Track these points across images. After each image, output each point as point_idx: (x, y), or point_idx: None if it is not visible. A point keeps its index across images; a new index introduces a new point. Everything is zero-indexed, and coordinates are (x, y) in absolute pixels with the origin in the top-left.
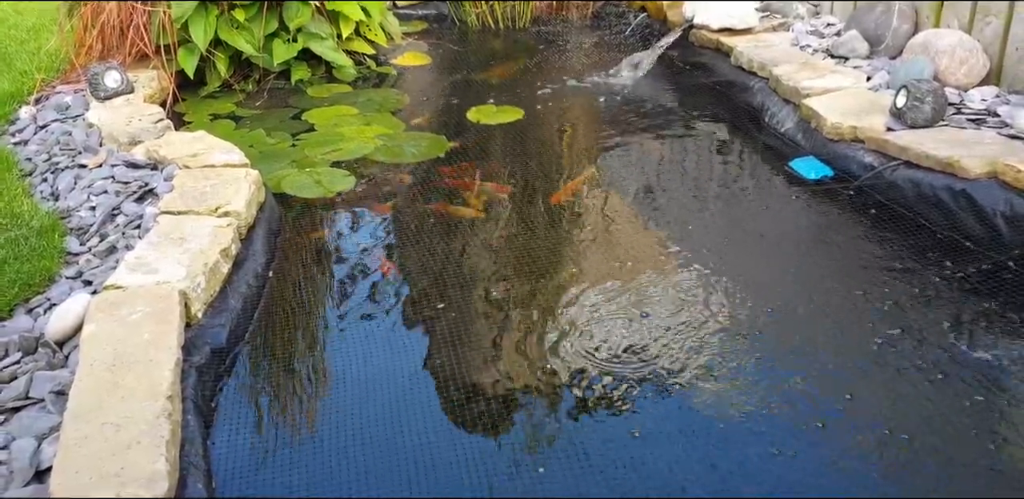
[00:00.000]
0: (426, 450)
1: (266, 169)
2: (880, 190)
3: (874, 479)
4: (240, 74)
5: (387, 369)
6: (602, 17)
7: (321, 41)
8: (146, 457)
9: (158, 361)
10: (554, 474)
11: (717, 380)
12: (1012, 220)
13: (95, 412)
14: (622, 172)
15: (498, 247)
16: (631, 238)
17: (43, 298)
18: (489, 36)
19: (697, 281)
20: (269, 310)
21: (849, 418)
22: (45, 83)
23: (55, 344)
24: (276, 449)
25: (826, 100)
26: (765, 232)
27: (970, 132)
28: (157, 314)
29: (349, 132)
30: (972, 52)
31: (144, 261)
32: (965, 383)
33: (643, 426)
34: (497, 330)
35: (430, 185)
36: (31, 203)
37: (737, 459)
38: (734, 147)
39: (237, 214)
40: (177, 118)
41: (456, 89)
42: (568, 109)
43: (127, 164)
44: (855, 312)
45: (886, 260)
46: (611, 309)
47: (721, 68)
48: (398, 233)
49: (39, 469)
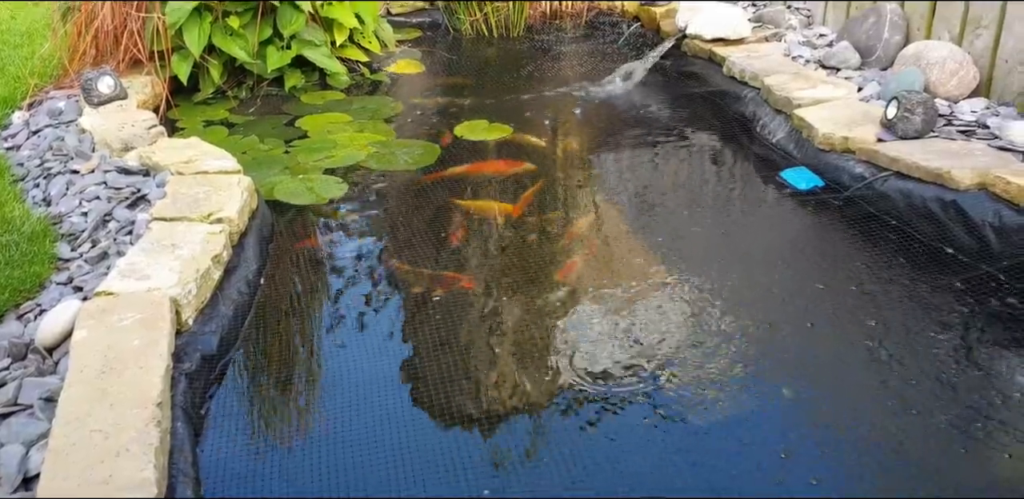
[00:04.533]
0: (417, 458)
1: (259, 176)
2: (870, 201)
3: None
4: (234, 81)
5: (379, 376)
6: (596, 26)
7: (315, 48)
8: (135, 464)
9: (148, 368)
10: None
11: (704, 390)
12: (1001, 231)
13: (84, 419)
14: (613, 181)
15: (494, 253)
16: (620, 246)
17: (33, 304)
18: (483, 44)
19: (686, 291)
20: (260, 317)
21: (840, 429)
22: (38, 88)
23: (45, 350)
24: (266, 457)
25: (817, 111)
26: (755, 242)
27: (960, 143)
28: (148, 321)
29: (342, 139)
30: (962, 64)
31: (135, 267)
32: (957, 393)
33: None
34: (491, 337)
35: (423, 193)
36: (23, 208)
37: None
38: (725, 157)
39: (230, 221)
40: (170, 124)
41: (448, 97)
42: (560, 118)
43: (119, 170)
44: (844, 323)
45: (876, 271)
46: (597, 319)
47: (713, 78)
48: (390, 240)
49: (27, 476)
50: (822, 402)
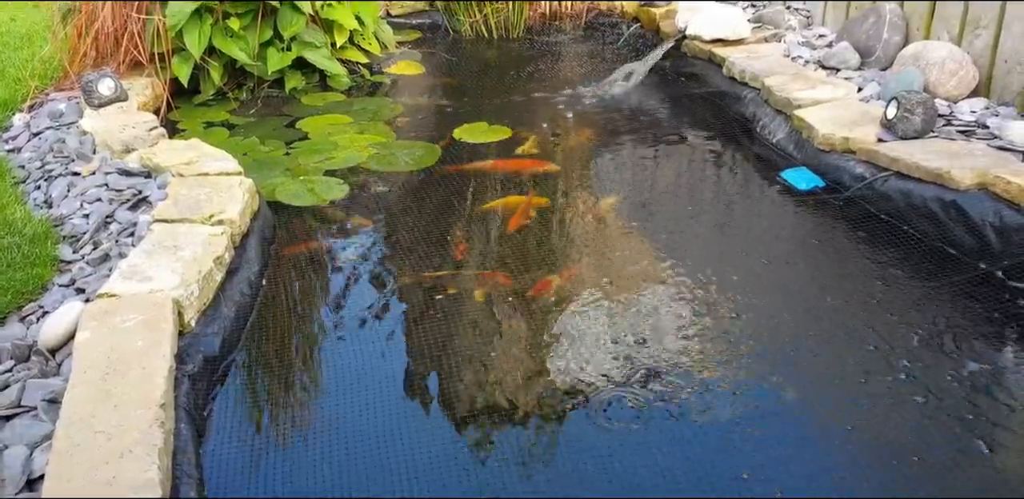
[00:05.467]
0: (421, 460)
1: (260, 177)
2: (871, 201)
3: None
4: (234, 82)
5: (382, 377)
6: (595, 27)
7: (315, 50)
8: (138, 465)
9: (151, 369)
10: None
11: (705, 389)
12: (1001, 231)
13: (88, 420)
14: (613, 181)
15: (495, 250)
16: (620, 245)
17: (36, 306)
18: (482, 45)
19: (686, 290)
20: (262, 318)
21: (842, 430)
22: (39, 90)
23: (48, 352)
24: (269, 458)
25: (817, 111)
26: (755, 242)
27: (960, 143)
28: (150, 322)
29: (343, 141)
30: (962, 64)
31: (137, 269)
32: (957, 391)
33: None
34: (493, 335)
35: (424, 194)
36: (24, 210)
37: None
38: (726, 157)
39: (231, 222)
40: (171, 126)
41: (448, 99)
42: (559, 118)
43: (121, 172)
44: (844, 322)
45: (876, 270)
46: (595, 310)
47: (713, 78)
48: (391, 242)
49: (31, 477)
50: (819, 399)
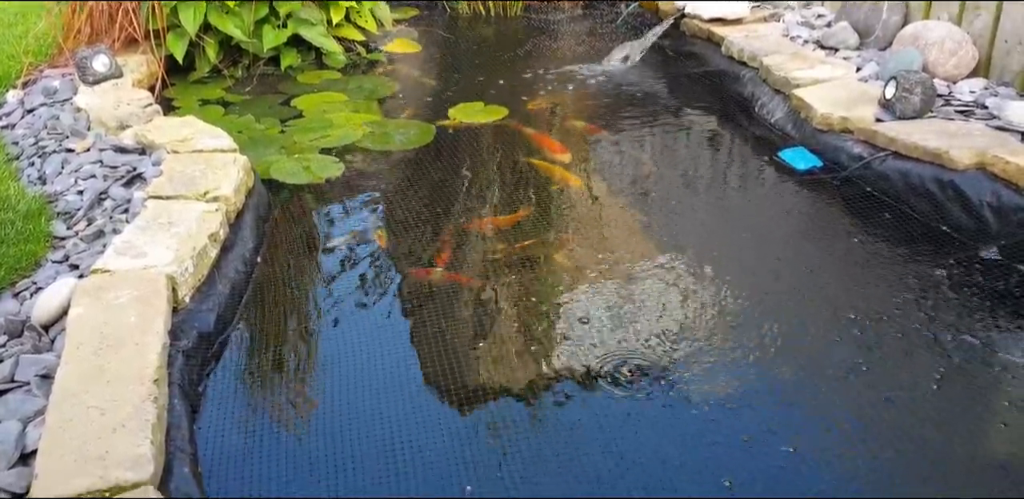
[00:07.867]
0: (414, 437)
1: (255, 155)
2: (868, 181)
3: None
4: (229, 59)
5: (376, 355)
6: (594, 6)
7: (311, 27)
8: (131, 440)
9: (144, 345)
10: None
11: (697, 370)
12: (999, 211)
13: (80, 395)
14: (610, 160)
15: (490, 231)
16: (617, 224)
17: (29, 282)
18: (480, 23)
19: (682, 270)
20: (257, 295)
21: (820, 408)
22: (33, 67)
23: (41, 328)
24: (263, 435)
25: (816, 91)
26: (753, 222)
27: (959, 123)
28: (144, 298)
29: (338, 119)
30: (961, 44)
31: (132, 245)
32: (955, 367)
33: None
34: (490, 319)
35: (419, 172)
36: (18, 187)
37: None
38: (724, 137)
39: (226, 199)
40: (166, 103)
41: (445, 77)
42: (557, 98)
43: (115, 148)
44: (841, 300)
45: (873, 249)
46: (594, 292)
47: (712, 58)
48: (386, 219)
49: (24, 452)
50: (808, 381)
